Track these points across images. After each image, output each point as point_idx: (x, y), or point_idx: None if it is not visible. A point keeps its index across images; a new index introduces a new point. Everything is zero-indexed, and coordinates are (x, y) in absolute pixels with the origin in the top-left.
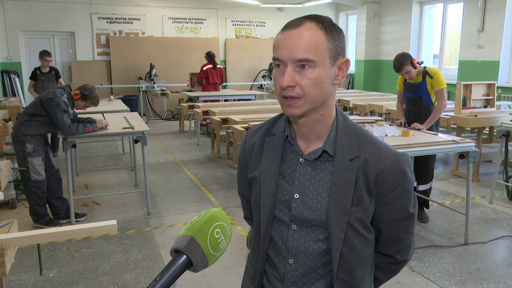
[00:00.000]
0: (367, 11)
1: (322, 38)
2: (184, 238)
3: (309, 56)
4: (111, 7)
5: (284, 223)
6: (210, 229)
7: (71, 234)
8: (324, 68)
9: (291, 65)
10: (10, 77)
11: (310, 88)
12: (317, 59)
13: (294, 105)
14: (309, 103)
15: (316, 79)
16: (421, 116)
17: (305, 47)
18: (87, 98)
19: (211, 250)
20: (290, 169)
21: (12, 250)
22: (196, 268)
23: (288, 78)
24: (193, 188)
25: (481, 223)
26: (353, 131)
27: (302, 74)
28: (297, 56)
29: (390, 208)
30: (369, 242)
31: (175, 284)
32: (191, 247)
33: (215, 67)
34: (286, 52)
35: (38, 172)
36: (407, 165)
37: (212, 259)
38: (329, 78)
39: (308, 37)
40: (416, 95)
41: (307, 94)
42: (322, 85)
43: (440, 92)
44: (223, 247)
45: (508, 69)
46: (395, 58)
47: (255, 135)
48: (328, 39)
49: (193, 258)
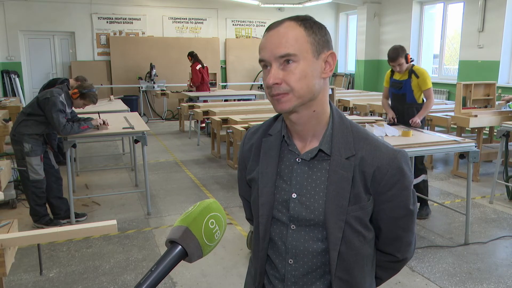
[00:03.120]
0: (367, 11)
1: (301, 33)
2: (179, 229)
3: (289, 51)
4: (111, 7)
5: (283, 223)
6: (204, 219)
7: (71, 234)
8: (307, 62)
9: (275, 63)
10: (10, 77)
11: (296, 82)
12: (298, 52)
13: (282, 100)
14: (297, 98)
15: (301, 73)
16: (404, 113)
17: (284, 43)
18: (85, 96)
19: (206, 240)
20: (288, 169)
21: (12, 250)
22: (191, 259)
23: (273, 76)
24: (193, 188)
25: (481, 223)
26: (349, 129)
27: (287, 70)
28: (278, 53)
29: (389, 206)
30: (368, 241)
31: (175, 283)
32: (186, 237)
33: (203, 66)
34: (268, 51)
35: (36, 172)
36: (405, 162)
37: (207, 250)
38: (315, 71)
39: (287, 33)
40: (401, 92)
41: (293, 88)
42: (308, 79)
43: (428, 91)
44: (218, 238)
45: (508, 69)
46: (393, 48)
47: (253, 136)
48: (308, 34)
49: (188, 249)
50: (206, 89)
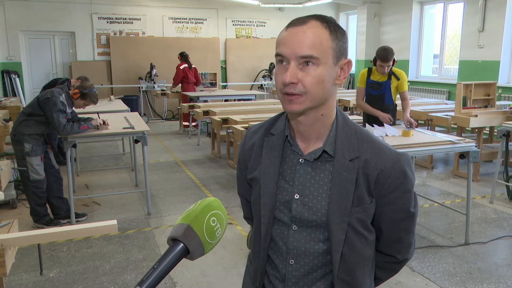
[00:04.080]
0: (367, 11)
1: (326, 37)
2: (181, 227)
3: (313, 53)
4: (111, 7)
5: (284, 223)
6: (206, 217)
7: (71, 234)
8: (327, 67)
9: (294, 61)
10: (11, 77)
11: (313, 85)
12: (321, 57)
13: (296, 101)
14: (310, 101)
15: (319, 77)
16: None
17: (309, 44)
18: (86, 96)
19: (207, 238)
20: (290, 170)
21: (13, 250)
22: (193, 256)
23: (291, 74)
24: (194, 188)
25: (482, 223)
26: (353, 131)
27: (305, 71)
28: (301, 53)
29: (391, 208)
30: (370, 242)
31: (176, 283)
32: (188, 235)
33: (191, 67)
34: (290, 49)
35: (37, 172)
36: (407, 165)
37: (208, 247)
38: (331, 77)
39: (313, 35)
40: (380, 93)
41: (309, 91)
42: (324, 84)
43: (406, 93)
44: (219, 235)
45: (509, 69)
46: (385, 48)
47: (254, 135)
48: (332, 39)
49: (190, 246)
50: (191, 89)
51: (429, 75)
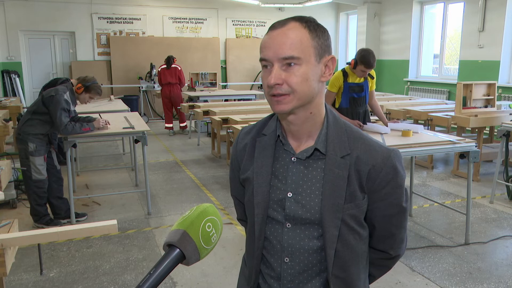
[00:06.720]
0: (367, 11)
1: (306, 36)
2: (177, 232)
3: (294, 54)
4: (111, 7)
5: (278, 222)
6: (201, 223)
7: (71, 234)
8: (310, 65)
9: (277, 63)
10: (11, 77)
11: (298, 84)
12: (303, 56)
13: (283, 101)
14: (298, 99)
15: (303, 75)
16: (365, 116)
17: (289, 45)
18: (90, 89)
19: (203, 243)
20: (283, 168)
21: (13, 250)
22: (189, 261)
23: (275, 76)
24: (194, 188)
25: (482, 223)
26: (344, 129)
27: (289, 72)
28: (282, 54)
29: (383, 203)
30: (363, 238)
31: (176, 283)
32: (184, 240)
33: (169, 67)
34: (272, 51)
35: (39, 172)
36: (398, 161)
37: (204, 253)
38: (316, 75)
39: (293, 35)
40: (362, 94)
41: (295, 90)
42: (309, 82)
43: (374, 92)
44: (215, 241)
45: (509, 69)
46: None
47: (246, 136)
48: (312, 37)
49: (186, 252)
50: (165, 90)
51: (429, 75)
